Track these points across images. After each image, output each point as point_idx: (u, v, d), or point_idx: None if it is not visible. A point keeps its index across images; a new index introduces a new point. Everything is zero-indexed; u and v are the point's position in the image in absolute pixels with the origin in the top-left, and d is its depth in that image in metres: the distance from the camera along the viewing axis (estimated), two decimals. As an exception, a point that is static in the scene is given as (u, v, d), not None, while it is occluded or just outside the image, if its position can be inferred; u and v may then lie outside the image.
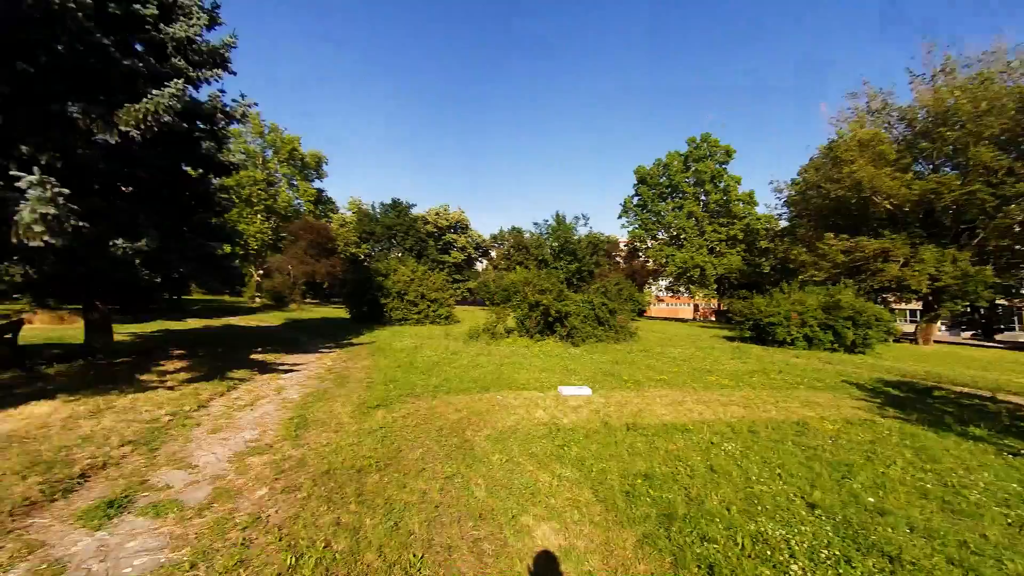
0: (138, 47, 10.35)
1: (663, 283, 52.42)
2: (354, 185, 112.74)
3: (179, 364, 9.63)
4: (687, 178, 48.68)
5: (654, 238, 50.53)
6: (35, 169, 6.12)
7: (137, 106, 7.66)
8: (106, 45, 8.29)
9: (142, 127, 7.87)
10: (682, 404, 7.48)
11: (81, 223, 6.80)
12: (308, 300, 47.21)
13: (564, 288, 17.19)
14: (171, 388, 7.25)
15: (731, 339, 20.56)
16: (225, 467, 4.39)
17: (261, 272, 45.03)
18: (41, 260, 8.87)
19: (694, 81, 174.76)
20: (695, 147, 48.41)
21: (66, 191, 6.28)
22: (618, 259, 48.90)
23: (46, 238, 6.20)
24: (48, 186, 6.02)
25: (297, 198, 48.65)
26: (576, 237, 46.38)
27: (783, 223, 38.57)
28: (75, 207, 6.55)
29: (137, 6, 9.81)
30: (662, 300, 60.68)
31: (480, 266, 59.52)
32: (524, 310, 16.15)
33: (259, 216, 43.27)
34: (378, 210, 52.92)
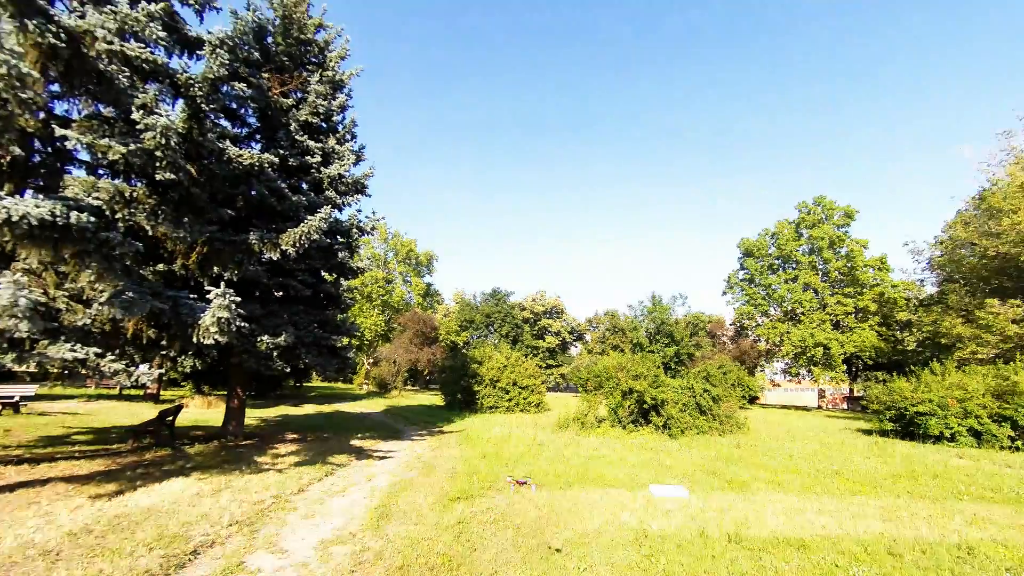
0: (303, 185, 13.28)
1: (779, 365, 46.54)
2: (459, 274, 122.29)
3: (291, 447, 10.77)
4: (800, 247, 44.74)
5: (765, 315, 46.05)
6: (222, 284, 7.87)
7: (296, 230, 9.61)
8: (283, 188, 10.72)
9: (296, 246, 9.76)
10: (800, 513, 6.41)
11: (242, 324, 8.40)
12: (408, 387, 50.01)
13: (660, 373, 16.27)
14: (280, 471, 8.12)
15: (867, 432, 17.20)
16: (310, 554, 4.74)
17: (371, 361, 49.32)
18: (206, 355, 10.94)
19: (800, 139, 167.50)
20: (807, 212, 44.88)
21: (237, 299, 7.90)
22: (724, 339, 45.16)
23: (216, 337, 7.74)
24: (227, 296, 7.63)
25: (409, 292, 54.10)
26: (673, 318, 44.26)
27: (928, 289, 33.07)
28: (242, 312, 8.19)
29: (307, 157, 12.73)
30: (778, 385, 53.21)
31: (575, 351, 58.80)
32: (617, 397, 15.47)
33: (376, 310, 48.55)
34: (479, 300, 56.36)
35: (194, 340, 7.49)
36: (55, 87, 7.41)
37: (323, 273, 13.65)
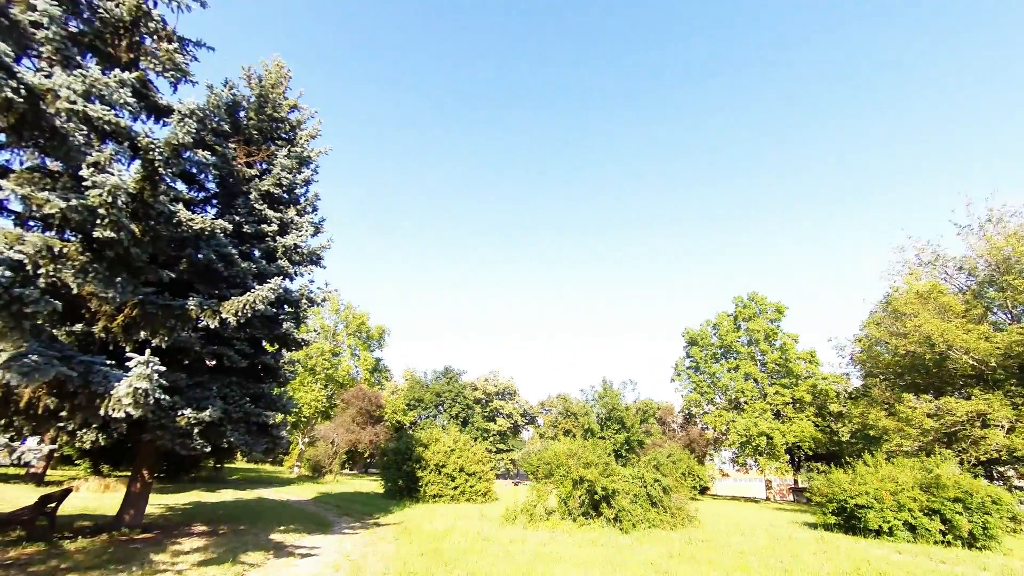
0: (255, 252, 12.95)
1: (727, 454, 46.98)
2: (412, 350, 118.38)
3: (198, 543, 9.33)
4: (739, 338, 47.58)
5: (711, 403, 47.28)
6: (147, 351, 7.17)
7: (241, 299, 9.16)
8: (233, 254, 10.40)
9: (239, 315, 9.25)
10: (750, 617, 6.13)
11: (162, 396, 7.60)
12: (346, 471, 45.83)
13: (611, 461, 15.92)
14: (179, 573, 6.95)
15: (813, 526, 17.25)
16: None
17: (306, 440, 45.39)
18: (113, 429, 9.68)
19: (735, 238, 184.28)
20: (743, 306, 48.42)
21: (162, 368, 7.21)
22: (673, 426, 45.46)
23: (129, 410, 6.92)
24: (150, 364, 6.96)
25: (357, 367, 51.47)
26: (624, 404, 44.45)
27: (854, 382, 35.46)
28: (163, 382, 7.43)
29: (264, 226, 12.58)
30: (727, 475, 53.27)
31: (527, 434, 56.88)
32: (567, 487, 14.84)
33: (319, 385, 45.53)
34: (430, 378, 54.39)
35: (102, 412, 6.68)
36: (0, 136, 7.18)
37: (264, 343, 12.91)
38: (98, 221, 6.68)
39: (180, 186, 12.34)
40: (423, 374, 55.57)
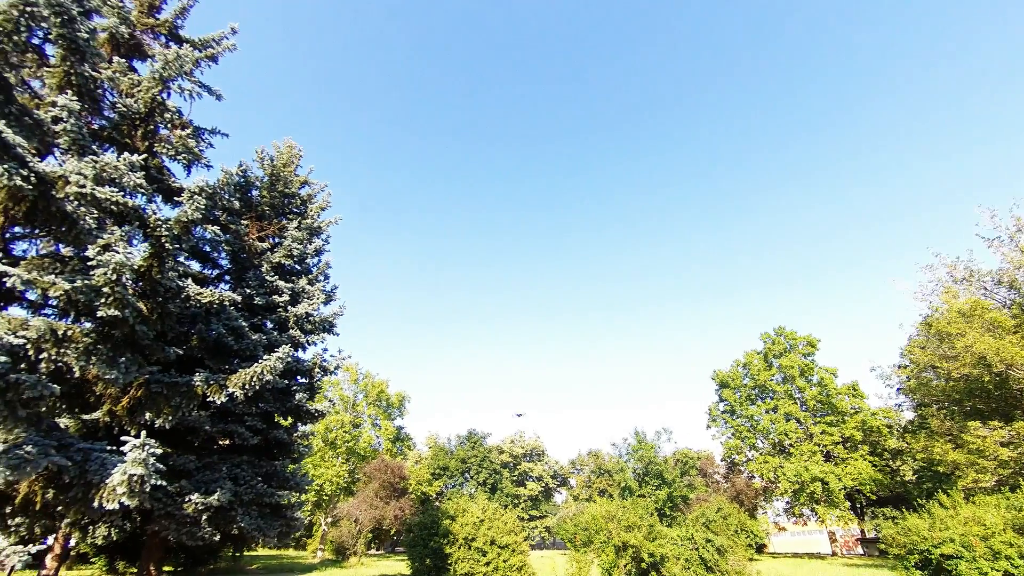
0: (267, 324, 12.87)
1: (779, 504, 43.04)
2: (433, 415, 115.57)
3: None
4: (773, 376, 45.20)
5: (753, 448, 44.11)
6: (142, 433, 6.79)
7: (247, 371, 8.90)
8: (243, 326, 10.28)
9: (246, 388, 8.94)
10: None
11: (163, 482, 7.12)
12: (372, 552, 43.11)
13: (655, 522, 14.47)
14: None
15: (898, 584, 15.10)
16: None
17: (329, 520, 43.24)
18: (125, 522, 9.10)
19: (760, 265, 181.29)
20: (772, 343, 46.40)
21: (158, 451, 6.78)
22: (716, 477, 42.25)
23: (124, 499, 6.44)
24: (146, 447, 6.57)
25: (378, 437, 49.99)
26: (661, 456, 41.78)
27: (907, 414, 32.80)
28: (161, 466, 6.96)
29: (275, 296, 12.59)
30: (784, 529, 48.49)
31: (559, 497, 53.45)
32: (610, 555, 13.41)
33: (339, 459, 44.04)
34: (453, 444, 52.52)
35: (96, 504, 6.22)
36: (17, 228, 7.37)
37: (277, 417, 12.46)
38: (102, 300, 6.61)
39: (194, 265, 12.60)
40: (446, 440, 53.70)
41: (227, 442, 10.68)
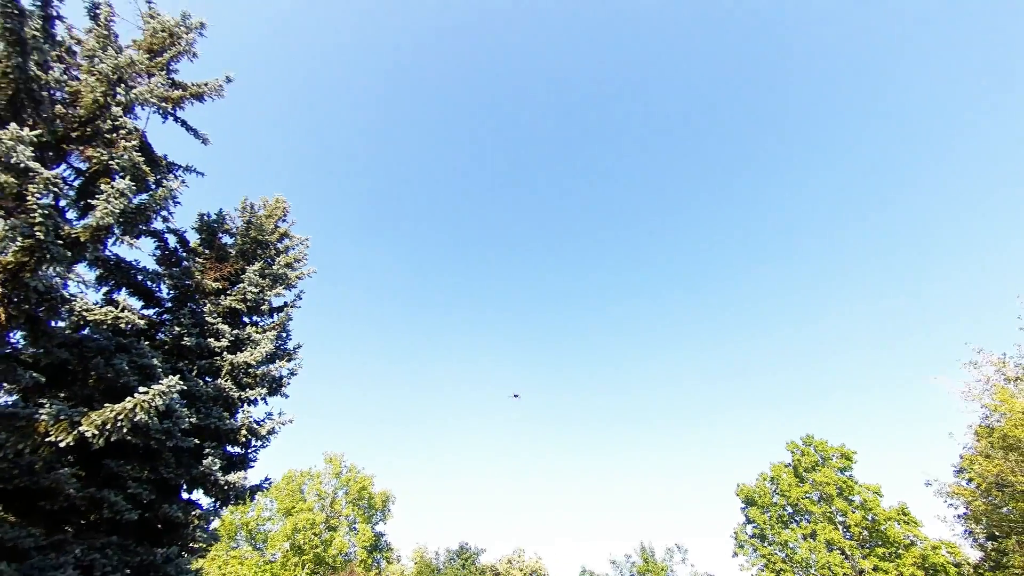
0: (191, 371, 11.07)
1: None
2: (420, 525, 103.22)
3: None
4: (806, 493, 39.45)
5: (792, 584, 36.91)
6: None
7: (114, 406, 7.04)
8: (155, 365, 8.60)
9: (107, 430, 7.01)
10: None
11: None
12: None
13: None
14: None
15: None
16: None
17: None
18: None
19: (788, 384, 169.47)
20: (801, 453, 41.31)
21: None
22: (750, 620, 34.81)
23: None
24: None
25: (353, 543, 43.81)
26: (678, 585, 35.09)
27: (967, 546, 27.19)
28: None
29: (211, 340, 11.04)
30: None
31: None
32: None
33: (304, 570, 38.08)
34: (442, 559, 45.84)
35: None
36: None
37: (182, 485, 10.02)
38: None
39: (136, 302, 11.28)
40: (434, 554, 46.85)
41: (93, 515, 8.27)
